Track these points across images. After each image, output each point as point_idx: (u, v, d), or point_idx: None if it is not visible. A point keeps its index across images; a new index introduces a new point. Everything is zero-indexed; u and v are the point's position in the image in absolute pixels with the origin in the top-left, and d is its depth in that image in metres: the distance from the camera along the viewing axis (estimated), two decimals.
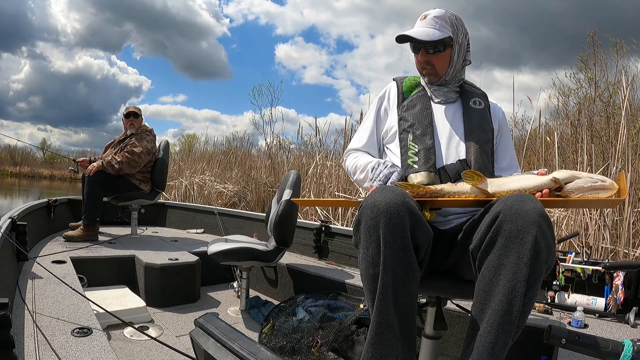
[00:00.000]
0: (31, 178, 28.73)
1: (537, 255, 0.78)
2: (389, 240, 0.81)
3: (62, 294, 1.40)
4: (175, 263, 2.09)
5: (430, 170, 1.09)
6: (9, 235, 1.64)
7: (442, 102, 1.21)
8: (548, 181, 0.90)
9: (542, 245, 0.78)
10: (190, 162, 8.11)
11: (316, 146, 6.21)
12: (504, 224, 0.80)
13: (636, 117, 3.37)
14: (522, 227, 0.78)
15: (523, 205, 0.80)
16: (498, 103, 1.27)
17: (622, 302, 1.46)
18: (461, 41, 1.16)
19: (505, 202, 0.83)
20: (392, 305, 0.83)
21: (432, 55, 1.15)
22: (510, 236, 0.79)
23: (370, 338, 0.85)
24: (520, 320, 0.79)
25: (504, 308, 0.78)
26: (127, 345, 1.53)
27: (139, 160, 2.72)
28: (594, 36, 4.00)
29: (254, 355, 0.90)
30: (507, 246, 0.80)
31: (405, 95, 1.25)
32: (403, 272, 0.82)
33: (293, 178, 2.07)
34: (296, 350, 1.48)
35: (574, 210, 2.91)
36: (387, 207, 0.82)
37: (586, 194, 0.87)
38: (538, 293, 0.84)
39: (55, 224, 2.77)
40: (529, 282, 0.78)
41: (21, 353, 0.95)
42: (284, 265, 2.26)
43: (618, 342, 0.79)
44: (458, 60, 1.17)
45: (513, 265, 0.78)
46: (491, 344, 0.78)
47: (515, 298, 0.77)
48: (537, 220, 0.78)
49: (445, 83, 1.21)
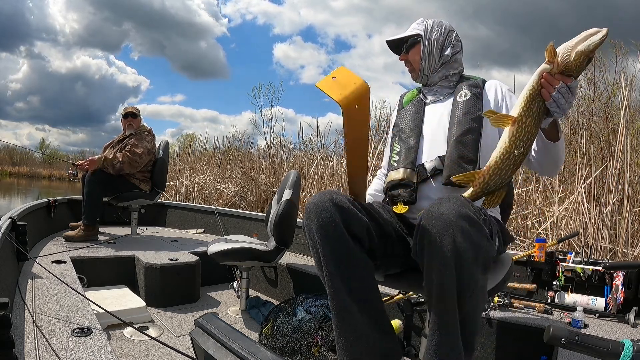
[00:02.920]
0: (30, 178, 28.71)
1: (459, 255, 0.78)
2: (322, 234, 0.90)
3: (62, 294, 1.40)
4: (175, 263, 2.09)
5: (407, 167, 1.16)
6: (9, 235, 1.64)
7: (434, 103, 1.25)
8: (541, 67, 0.87)
9: (465, 245, 0.78)
10: (190, 162, 8.10)
11: (316, 146, 6.22)
12: (424, 229, 0.83)
13: (635, 117, 3.37)
14: (440, 230, 0.80)
15: (439, 208, 0.82)
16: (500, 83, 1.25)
17: (622, 302, 1.46)
18: (434, 37, 1.23)
19: (427, 207, 0.86)
20: (345, 292, 0.89)
21: (406, 54, 1.26)
22: (430, 241, 0.81)
23: (335, 327, 0.91)
24: (469, 320, 0.81)
25: (440, 309, 0.81)
26: (127, 345, 1.53)
27: (140, 160, 2.72)
28: None
29: (254, 355, 0.90)
30: (430, 251, 0.81)
31: (404, 106, 1.33)
32: (346, 261, 0.90)
33: (293, 178, 2.07)
34: (296, 350, 1.48)
35: (573, 210, 2.92)
36: (315, 206, 0.92)
37: (580, 44, 0.83)
38: (484, 292, 0.87)
39: (55, 224, 2.77)
40: (463, 281, 0.79)
41: (21, 353, 0.94)
42: (284, 265, 2.26)
43: (618, 342, 0.79)
44: (431, 54, 1.23)
45: (438, 268, 0.80)
46: (436, 345, 0.81)
47: (448, 299, 0.80)
48: (454, 221, 0.79)
49: (431, 81, 1.26)
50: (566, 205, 2.99)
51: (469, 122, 1.13)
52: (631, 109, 3.24)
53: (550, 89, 0.85)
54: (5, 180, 25.24)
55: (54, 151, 32.15)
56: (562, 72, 0.85)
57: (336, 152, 5.75)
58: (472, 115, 1.14)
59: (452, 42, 1.25)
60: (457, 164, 1.07)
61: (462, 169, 1.06)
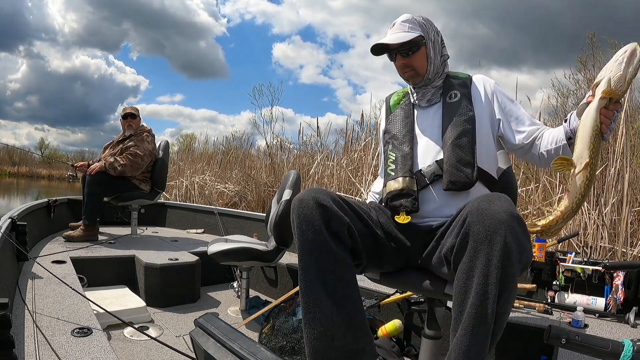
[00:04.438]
0: (29, 178, 28.70)
1: (508, 256, 0.78)
2: (302, 229, 0.94)
3: (62, 294, 1.40)
4: (175, 263, 2.09)
5: (405, 175, 1.13)
6: (9, 235, 1.63)
7: (425, 106, 1.21)
8: (597, 104, 0.88)
9: (513, 246, 0.78)
10: (189, 162, 8.10)
11: (316, 146, 6.22)
12: (472, 226, 0.81)
13: (634, 118, 3.37)
14: (490, 228, 0.79)
15: (490, 206, 0.81)
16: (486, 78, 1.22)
17: (622, 302, 1.46)
18: (434, 38, 1.17)
19: (473, 204, 0.85)
20: (319, 287, 0.91)
21: (408, 58, 1.16)
22: (479, 238, 0.80)
23: (303, 319, 0.93)
24: (498, 321, 0.80)
25: (477, 311, 0.79)
26: (127, 345, 1.53)
27: (142, 162, 2.72)
28: (593, 38, 4.00)
29: (254, 355, 0.90)
30: (476, 249, 0.80)
31: (392, 110, 1.29)
32: (323, 256, 0.92)
33: (293, 178, 2.07)
34: (296, 350, 1.48)
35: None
36: (299, 202, 0.97)
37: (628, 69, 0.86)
38: (515, 293, 0.85)
39: (55, 224, 2.77)
40: (502, 283, 0.78)
41: (21, 353, 0.94)
42: (284, 265, 2.26)
43: (618, 342, 0.79)
44: (436, 57, 1.18)
45: (483, 267, 0.79)
46: (467, 347, 0.79)
47: (488, 300, 0.78)
48: (506, 220, 0.78)
49: (429, 82, 1.21)
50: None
51: (463, 124, 1.10)
52: (630, 109, 3.24)
53: (609, 122, 0.88)
54: (4, 180, 25.23)
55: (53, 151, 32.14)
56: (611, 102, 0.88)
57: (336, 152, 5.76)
58: (465, 116, 1.12)
59: (442, 41, 1.21)
60: (456, 168, 1.07)
61: (461, 172, 1.06)
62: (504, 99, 1.18)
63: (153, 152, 2.84)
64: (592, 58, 4.06)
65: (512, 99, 1.19)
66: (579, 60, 4.17)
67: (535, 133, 1.12)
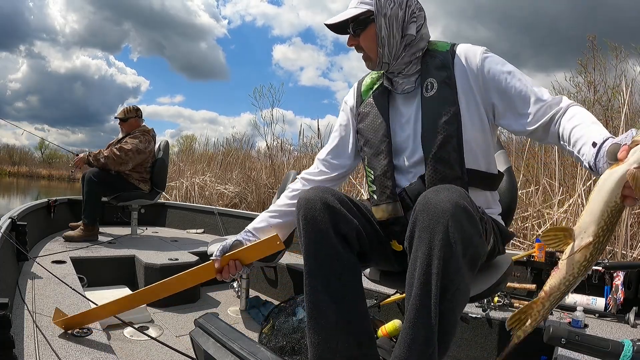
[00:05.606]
0: (29, 178, 28.71)
1: (449, 247, 0.74)
2: (308, 232, 0.88)
3: (62, 294, 1.40)
4: (175, 263, 2.09)
5: (387, 201, 0.99)
6: (9, 235, 1.63)
7: (401, 95, 1.02)
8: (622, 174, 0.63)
9: (456, 237, 0.74)
10: (190, 163, 8.11)
11: (317, 148, 6.23)
12: (419, 215, 0.79)
13: (635, 120, 3.37)
14: (433, 217, 0.76)
15: (437, 195, 0.78)
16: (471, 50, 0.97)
17: (622, 302, 1.47)
18: (391, 12, 0.95)
19: (423, 194, 0.81)
20: (325, 292, 0.87)
21: (356, 38, 0.99)
22: (422, 228, 0.77)
23: (307, 323, 0.89)
24: (445, 319, 0.77)
25: (419, 302, 0.76)
26: (127, 345, 1.53)
27: (126, 157, 2.68)
28: (594, 40, 4.01)
29: (254, 355, 0.91)
30: (420, 238, 0.78)
31: (363, 97, 1.09)
32: (331, 262, 0.87)
33: (293, 179, 2.07)
34: (296, 350, 1.48)
35: (573, 212, 2.92)
36: (306, 202, 0.90)
37: None
38: (466, 292, 0.81)
39: (55, 224, 2.77)
40: (445, 276, 0.75)
41: (21, 353, 0.94)
42: (284, 265, 2.26)
43: (618, 342, 0.79)
44: (391, 36, 0.96)
45: (425, 257, 0.76)
46: (411, 339, 0.76)
47: (430, 292, 0.75)
48: (449, 210, 0.75)
49: (394, 69, 1.00)
50: (566, 207, 2.99)
51: (444, 127, 0.93)
52: (631, 113, 3.25)
53: (634, 202, 0.64)
54: (4, 179, 25.24)
55: (53, 152, 32.16)
56: None
57: None
58: (447, 115, 0.93)
59: (414, 15, 0.98)
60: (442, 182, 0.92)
61: None
62: (497, 73, 0.93)
63: (145, 151, 2.78)
64: (592, 61, 4.06)
65: (508, 70, 0.94)
66: (580, 63, 4.18)
67: (546, 117, 0.88)
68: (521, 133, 0.94)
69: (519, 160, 3.86)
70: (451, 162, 0.93)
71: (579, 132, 0.79)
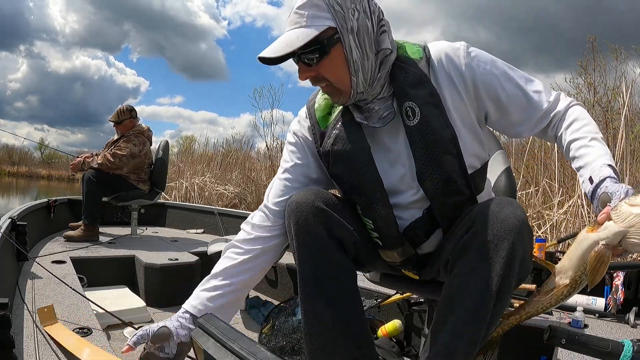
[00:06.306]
0: (29, 178, 28.69)
1: (511, 264, 0.73)
2: (300, 236, 0.82)
3: (62, 294, 1.40)
4: (175, 263, 2.09)
5: (395, 246, 0.90)
6: (9, 235, 1.63)
7: (378, 127, 0.83)
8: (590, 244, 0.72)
9: (518, 255, 0.73)
10: (189, 163, 8.11)
11: None
12: (480, 228, 0.74)
13: (634, 122, 3.38)
14: (499, 233, 0.72)
15: (501, 209, 0.74)
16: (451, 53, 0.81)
17: (622, 302, 1.47)
18: (358, 25, 0.74)
19: (482, 206, 0.78)
20: (320, 298, 0.83)
21: (315, 68, 0.77)
22: (485, 242, 0.73)
23: (303, 328, 0.87)
24: (487, 331, 0.76)
25: (471, 317, 0.74)
26: None
27: (120, 163, 2.67)
28: (594, 42, 4.01)
29: (254, 355, 0.90)
30: (481, 252, 0.74)
31: (321, 127, 0.88)
32: (326, 267, 0.83)
33: None
34: (296, 350, 1.48)
35: (572, 213, 2.92)
36: (297, 206, 0.82)
37: None
38: (506, 306, 0.81)
39: (55, 224, 2.77)
40: (499, 294, 0.73)
41: (21, 353, 0.94)
42: (284, 265, 2.26)
43: (618, 342, 0.79)
44: (364, 57, 0.76)
45: (484, 273, 0.73)
46: (451, 351, 0.74)
47: (483, 308, 0.74)
48: (517, 227, 0.72)
49: (367, 95, 0.81)
50: (566, 208, 3.00)
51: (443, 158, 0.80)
52: (631, 114, 3.25)
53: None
54: (4, 179, 25.23)
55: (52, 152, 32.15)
56: None
57: None
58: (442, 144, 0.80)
59: (382, 21, 0.79)
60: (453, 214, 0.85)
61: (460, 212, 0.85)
62: (488, 78, 0.82)
63: (140, 154, 2.76)
64: (592, 62, 4.07)
65: (499, 72, 0.83)
66: (580, 64, 4.18)
67: (543, 124, 0.85)
68: (516, 137, 0.95)
69: (519, 162, 3.86)
70: (459, 189, 0.83)
71: (578, 151, 0.80)
